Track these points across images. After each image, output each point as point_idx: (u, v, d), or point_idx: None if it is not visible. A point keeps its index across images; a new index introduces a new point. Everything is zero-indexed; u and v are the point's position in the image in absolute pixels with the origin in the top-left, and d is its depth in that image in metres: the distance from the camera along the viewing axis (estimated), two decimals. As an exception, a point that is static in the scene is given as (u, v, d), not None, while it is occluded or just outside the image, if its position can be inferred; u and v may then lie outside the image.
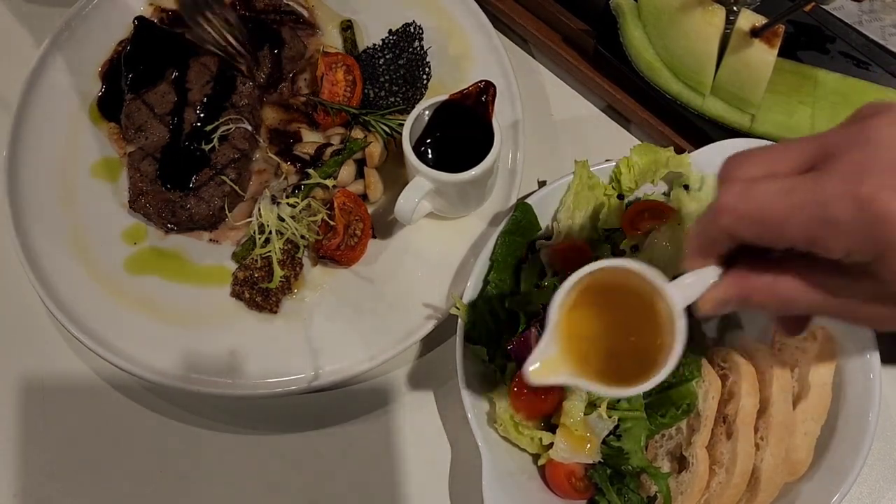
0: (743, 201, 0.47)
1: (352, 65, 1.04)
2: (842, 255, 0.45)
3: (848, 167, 0.44)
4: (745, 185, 0.48)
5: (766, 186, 0.47)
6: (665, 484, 0.81)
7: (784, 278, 0.49)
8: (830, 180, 0.44)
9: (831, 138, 0.47)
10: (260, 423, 0.95)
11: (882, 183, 0.43)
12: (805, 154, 0.47)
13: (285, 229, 0.95)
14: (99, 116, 1.07)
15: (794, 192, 0.45)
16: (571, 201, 0.93)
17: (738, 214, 0.48)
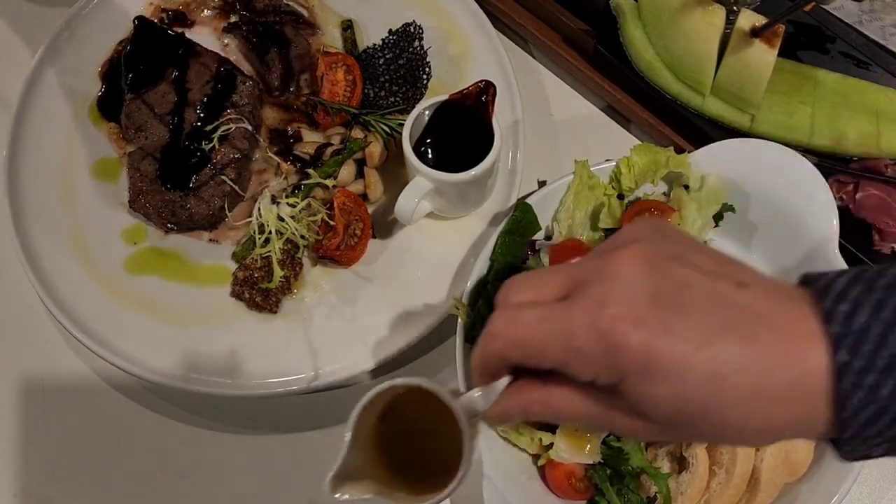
0: (508, 328, 0.52)
1: (352, 65, 1.04)
2: (591, 378, 0.49)
3: (591, 298, 0.48)
4: (511, 311, 0.52)
5: (528, 313, 0.51)
6: (665, 484, 0.81)
7: (556, 392, 0.53)
8: (576, 310, 0.49)
9: (584, 267, 0.51)
10: (260, 423, 0.95)
11: (618, 315, 0.47)
12: (564, 282, 0.51)
13: (285, 229, 0.95)
14: (99, 116, 1.07)
15: (547, 320, 0.50)
16: (571, 201, 0.93)
17: (504, 340, 0.52)
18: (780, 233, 0.91)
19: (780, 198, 0.89)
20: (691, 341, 0.47)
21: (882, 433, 0.47)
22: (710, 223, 0.88)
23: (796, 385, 0.47)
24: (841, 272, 0.49)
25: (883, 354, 0.45)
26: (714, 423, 0.49)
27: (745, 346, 0.47)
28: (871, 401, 0.46)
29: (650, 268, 0.49)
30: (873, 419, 0.47)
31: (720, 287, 0.49)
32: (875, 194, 0.91)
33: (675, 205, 0.89)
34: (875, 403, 0.46)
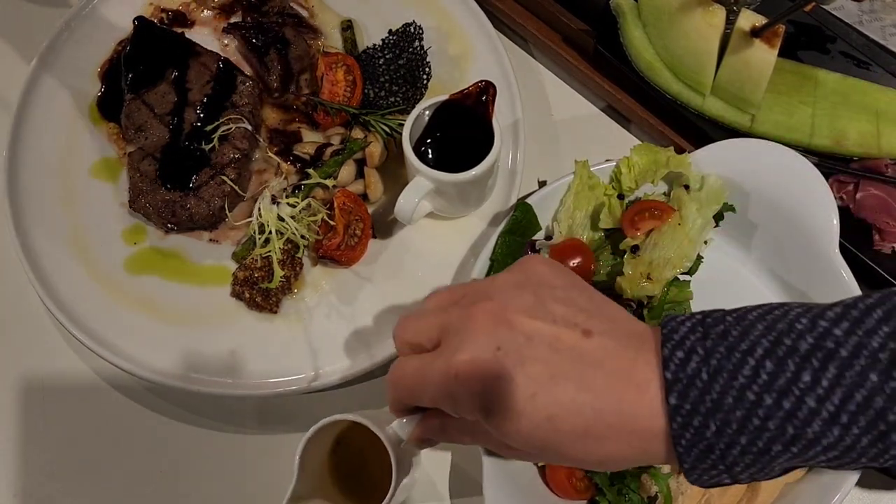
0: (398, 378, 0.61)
1: (352, 65, 1.04)
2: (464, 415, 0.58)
3: (450, 349, 0.57)
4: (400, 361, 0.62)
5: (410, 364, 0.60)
6: (665, 484, 0.81)
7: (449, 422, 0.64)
8: (439, 360, 0.57)
9: (451, 316, 0.59)
10: (260, 423, 0.95)
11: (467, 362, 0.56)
12: (438, 328, 0.59)
13: (285, 229, 0.95)
14: (99, 116, 1.07)
15: (422, 371, 0.59)
16: (571, 201, 0.93)
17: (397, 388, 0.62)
18: (780, 233, 0.91)
19: (780, 198, 0.89)
20: (529, 388, 0.54)
21: (716, 465, 0.53)
22: (710, 223, 0.88)
23: (625, 425, 0.54)
24: (690, 316, 0.55)
25: (707, 399, 0.51)
26: (560, 454, 0.56)
27: (579, 393, 0.54)
28: (699, 439, 0.52)
29: (495, 325, 0.56)
30: (704, 454, 0.53)
31: (564, 337, 0.56)
32: (875, 194, 0.91)
33: (675, 205, 0.89)
34: (703, 441, 0.52)
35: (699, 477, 0.55)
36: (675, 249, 0.87)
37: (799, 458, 0.53)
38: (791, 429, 0.50)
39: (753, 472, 0.54)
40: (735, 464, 0.53)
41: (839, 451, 0.51)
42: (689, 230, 0.87)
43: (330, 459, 0.83)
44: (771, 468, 0.54)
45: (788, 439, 0.51)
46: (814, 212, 0.87)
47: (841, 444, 0.51)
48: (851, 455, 0.51)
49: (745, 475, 0.54)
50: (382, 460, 0.78)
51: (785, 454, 0.52)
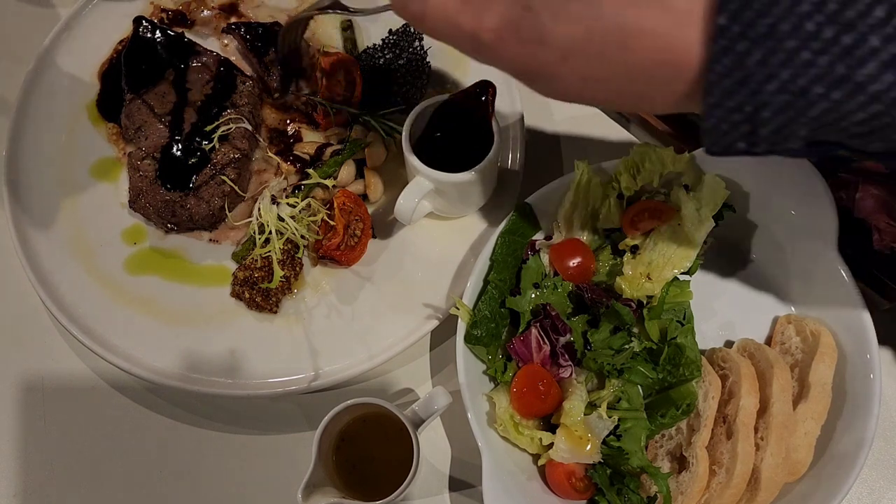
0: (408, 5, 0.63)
1: (352, 65, 1.04)
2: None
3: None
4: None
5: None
6: (665, 484, 0.81)
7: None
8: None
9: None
10: (260, 423, 0.95)
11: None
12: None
13: (285, 229, 0.95)
14: (98, 117, 1.07)
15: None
16: (571, 201, 0.93)
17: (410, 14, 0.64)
18: (780, 233, 0.91)
19: (780, 198, 0.89)
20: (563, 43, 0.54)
21: (743, 107, 0.49)
22: (710, 223, 0.88)
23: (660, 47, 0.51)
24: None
25: (760, 24, 0.47)
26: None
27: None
28: (737, 66, 0.48)
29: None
30: (736, 87, 0.49)
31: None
32: (875, 194, 0.91)
33: (675, 205, 0.89)
34: (741, 70, 0.48)
35: (718, 123, 0.51)
36: (674, 249, 0.87)
37: (835, 112, 0.48)
38: (842, 68, 0.46)
39: (780, 123, 0.50)
40: (764, 106, 0.49)
41: (884, 106, 0.47)
42: (688, 230, 0.87)
43: (335, 455, 0.85)
44: (798, 124, 0.49)
45: (834, 80, 0.47)
46: (814, 212, 0.87)
47: (889, 94, 0.47)
48: (893, 113, 0.47)
49: (768, 128, 0.50)
50: (391, 453, 0.83)
51: (823, 101, 0.48)
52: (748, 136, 0.51)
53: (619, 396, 0.84)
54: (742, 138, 0.52)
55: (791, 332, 0.89)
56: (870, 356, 0.83)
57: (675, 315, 0.87)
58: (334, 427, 0.84)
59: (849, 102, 0.48)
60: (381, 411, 0.83)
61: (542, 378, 0.85)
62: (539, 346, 0.86)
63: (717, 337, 0.93)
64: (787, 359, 0.88)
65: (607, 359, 0.84)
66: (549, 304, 0.88)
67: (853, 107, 0.48)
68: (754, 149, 0.52)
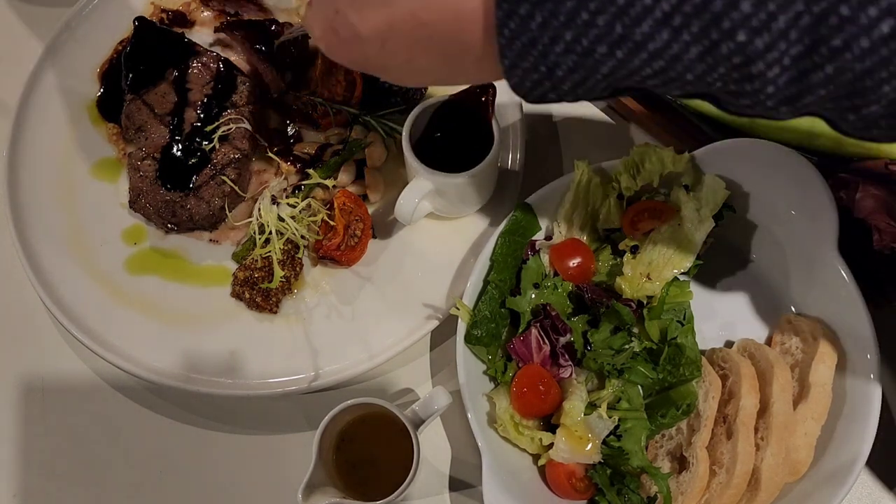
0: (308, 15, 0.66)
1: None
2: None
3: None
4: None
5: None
6: (665, 484, 0.81)
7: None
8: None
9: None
10: (260, 423, 0.95)
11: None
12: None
13: (285, 229, 0.95)
14: (99, 117, 1.07)
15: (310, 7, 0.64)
16: (571, 201, 0.93)
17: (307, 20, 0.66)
18: (781, 233, 0.91)
19: (780, 198, 0.89)
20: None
21: (537, 66, 0.51)
22: (710, 223, 0.88)
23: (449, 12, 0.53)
24: None
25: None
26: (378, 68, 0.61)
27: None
28: (523, 30, 0.50)
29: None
30: (526, 49, 0.50)
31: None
32: (875, 194, 0.91)
33: (675, 205, 0.89)
34: (526, 33, 0.50)
35: (521, 81, 0.53)
36: (674, 249, 0.87)
37: (623, 69, 0.50)
38: (620, 27, 0.48)
39: (576, 79, 0.51)
40: (557, 65, 0.50)
41: (665, 62, 0.49)
42: (688, 230, 0.87)
43: (335, 455, 0.85)
44: (594, 79, 0.51)
45: (615, 39, 0.48)
46: (814, 212, 0.87)
47: (668, 51, 0.48)
48: (676, 69, 0.49)
49: (567, 84, 0.52)
50: (391, 453, 0.83)
51: (609, 60, 0.49)
52: (552, 89, 0.53)
53: (619, 396, 0.84)
54: (548, 91, 0.53)
55: (791, 332, 0.89)
56: (870, 356, 0.83)
57: (675, 315, 0.87)
58: (334, 427, 0.84)
59: (633, 60, 0.49)
60: (381, 411, 0.83)
61: (542, 378, 0.85)
62: (539, 346, 0.86)
63: (717, 337, 0.93)
64: (787, 359, 0.88)
65: (607, 359, 0.84)
66: (549, 304, 0.88)
67: (639, 63, 0.49)
68: (565, 98, 0.54)
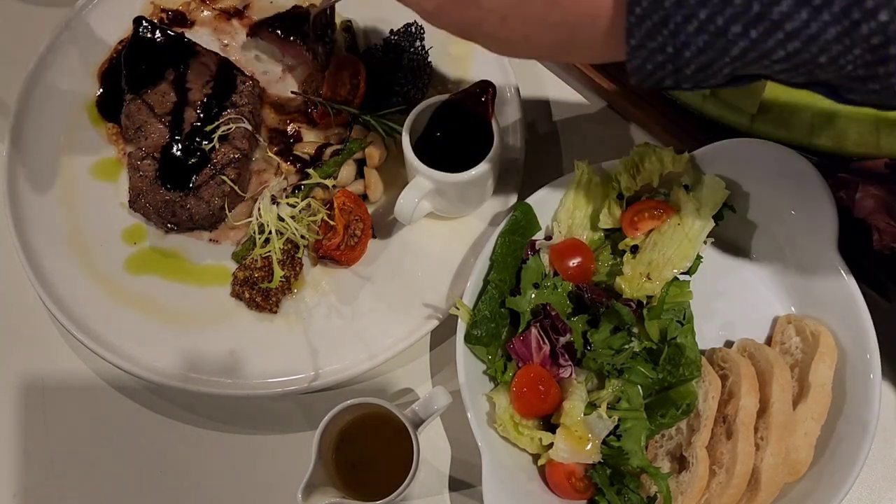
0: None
1: (358, 65, 1.04)
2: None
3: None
4: None
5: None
6: (665, 484, 0.81)
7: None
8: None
9: None
10: (260, 423, 0.95)
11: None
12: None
13: (285, 229, 0.95)
14: (98, 117, 1.07)
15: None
16: (571, 201, 0.93)
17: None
18: (780, 233, 0.91)
19: (780, 198, 0.89)
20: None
21: (665, 47, 0.51)
22: (709, 223, 0.88)
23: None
24: None
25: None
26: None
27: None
28: (655, 9, 0.50)
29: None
30: (657, 28, 0.50)
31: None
32: (875, 194, 0.91)
33: (675, 205, 0.89)
34: (659, 11, 0.49)
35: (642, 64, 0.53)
36: (674, 249, 0.87)
37: (754, 52, 0.49)
38: (757, 6, 0.47)
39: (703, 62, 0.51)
40: (686, 46, 0.50)
41: (801, 43, 0.48)
42: (688, 230, 0.87)
43: (335, 455, 0.85)
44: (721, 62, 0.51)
45: (751, 18, 0.48)
46: (814, 212, 0.87)
47: (805, 31, 0.47)
48: (811, 50, 0.48)
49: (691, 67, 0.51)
50: (391, 453, 0.83)
51: (742, 40, 0.49)
52: (673, 74, 0.53)
53: (619, 396, 0.84)
54: (668, 76, 0.53)
55: (791, 332, 0.89)
56: (870, 356, 0.83)
57: (675, 315, 0.87)
58: (334, 427, 0.84)
59: (767, 41, 0.49)
60: (381, 411, 0.83)
61: (541, 378, 0.85)
62: (539, 346, 0.86)
63: (717, 337, 0.93)
64: (787, 359, 0.88)
65: (607, 359, 0.84)
66: (549, 304, 0.88)
67: (772, 44, 0.49)
68: (681, 85, 0.54)
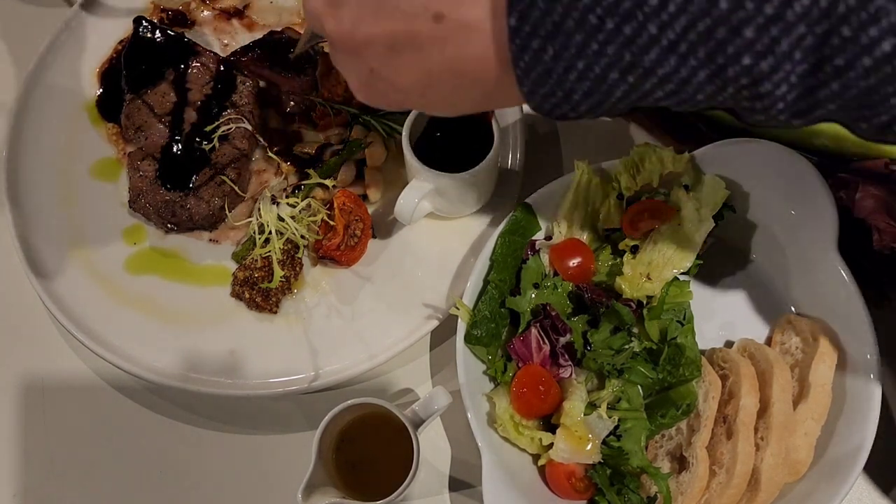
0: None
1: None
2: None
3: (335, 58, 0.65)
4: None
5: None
6: (665, 484, 0.81)
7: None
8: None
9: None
10: (260, 423, 0.95)
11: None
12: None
13: (285, 229, 0.96)
14: (98, 117, 1.07)
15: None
16: (571, 201, 0.93)
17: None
18: (780, 233, 0.91)
19: (780, 198, 0.89)
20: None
21: (555, 92, 0.54)
22: (709, 223, 0.88)
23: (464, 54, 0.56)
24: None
25: (548, 22, 0.51)
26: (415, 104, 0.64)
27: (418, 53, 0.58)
28: (537, 62, 0.52)
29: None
30: (542, 78, 0.53)
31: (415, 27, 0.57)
32: (875, 194, 0.91)
33: (675, 205, 0.89)
34: (541, 65, 0.52)
35: (540, 104, 0.55)
36: (674, 249, 0.87)
37: (637, 92, 0.52)
38: (629, 55, 0.50)
39: (593, 102, 0.54)
40: (573, 91, 0.53)
41: (675, 85, 0.51)
42: (688, 230, 0.87)
43: (335, 455, 0.85)
44: (610, 102, 0.54)
45: (625, 67, 0.51)
46: (814, 212, 0.87)
47: (677, 76, 0.50)
48: (688, 91, 0.51)
49: (584, 106, 0.54)
50: (391, 453, 0.83)
51: (622, 84, 0.52)
52: (572, 110, 0.55)
53: (619, 396, 0.84)
54: (568, 111, 0.56)
55: (791, 332, 0.89)
56: (870, 356, 0.83)
57: (675, 315, 0.87)
58: (334, 427, 0.84)
59: (644, 84, 0.51)
60: (381, 411, 0.83)
61: (541, 378, 0.85)
62: (539, 346, 0.86)
63: (717, 337, 0.93)
64: (787, 359, 0.88)
65: (607, 359, 0.84)
66: (549, 304, 0.88)
67: (650, 87, 0.52)
68: (584, 117, 0.57)
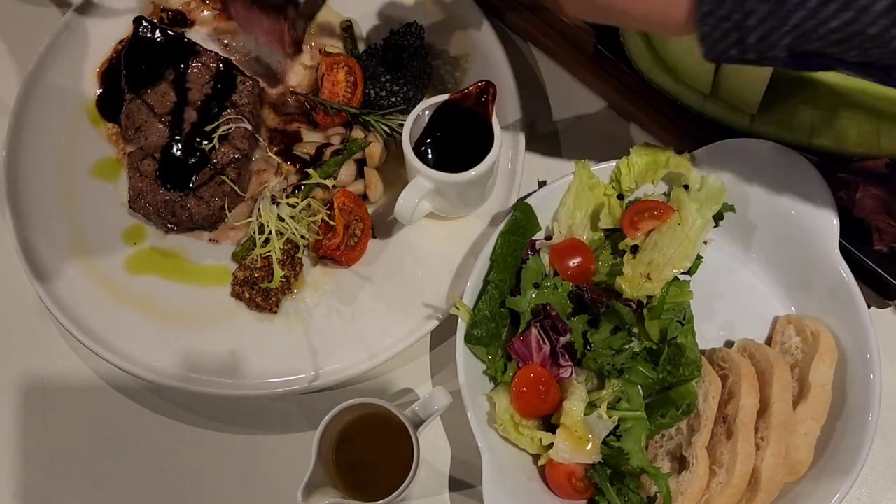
0: None
1: (353, 66, 1.04)
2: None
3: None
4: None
5: None
6: (665, 484, 0.81)
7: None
8: None
9: None
10: (260, 423, 0.95)
11: None
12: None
13: (285, 229, 0.96)
14: (98, 117, 1.07)
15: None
16: (571, 201, 0.93)
17: None
18: (780, 233, 0.91)
19: (780, 198, 0.89)
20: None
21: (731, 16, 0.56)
22: (709, 223, 0.88)
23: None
24: None
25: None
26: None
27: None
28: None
29: None
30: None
31: None
32: (875, 194, 0.91)
33: (675, 205, 0.89)
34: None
35: (711, 32, 0.57)
36: (674, 249, 0.87)
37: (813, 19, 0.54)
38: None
39: (764, 31, 0.56)
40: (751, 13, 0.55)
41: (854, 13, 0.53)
42: (688, 230, 0.87)
43: (335, 455, 0.85)
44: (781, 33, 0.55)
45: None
46: (814, 212, 0.87)
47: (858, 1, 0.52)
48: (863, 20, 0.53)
49: (754, 36, 0.56)
50: (391, 453, 0.83)
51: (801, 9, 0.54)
52: (738, 43, 0.58)
53: (619, 396, 0.84)
54: (733, 45, 0.58)
55: (791, 332, 0.89)
56: (870, 356, 0.83)
57: (675, 315, 0.87)
58: (334, 427, 0.84)
59: (823, 9, 0.54)
60: (381, 411, 0.83)
61: (542, 378, 0.85)
62: (539, 346, 0.86)
63: (717, 337, 0.93)
64: (787, 359, 0.88)
65: (607, 359, 0.84)
66: (549, 304, 0.88)
67: (827, 14, 0.54)
68: (745, 55, 0.59)
